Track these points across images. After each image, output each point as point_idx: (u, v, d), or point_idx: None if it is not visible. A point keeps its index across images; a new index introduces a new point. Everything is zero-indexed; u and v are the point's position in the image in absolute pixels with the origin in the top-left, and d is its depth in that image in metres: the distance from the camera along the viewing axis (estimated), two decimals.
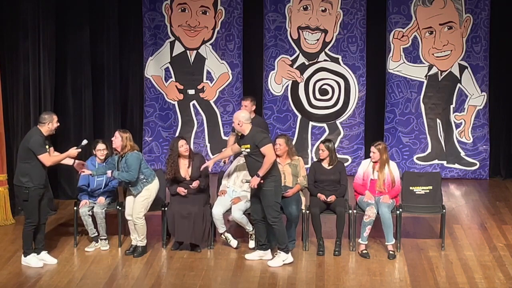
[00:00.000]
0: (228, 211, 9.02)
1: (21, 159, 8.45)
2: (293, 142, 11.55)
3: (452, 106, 12.51)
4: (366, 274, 8.35)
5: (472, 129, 12.51)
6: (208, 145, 12.78)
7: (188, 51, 12.65)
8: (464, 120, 12.51)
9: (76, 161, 8.84)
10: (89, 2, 11.24)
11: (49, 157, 8.43)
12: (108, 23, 11.73)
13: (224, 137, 12.64)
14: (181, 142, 9.07)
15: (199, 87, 12.73)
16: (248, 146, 8.41)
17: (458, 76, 12.43)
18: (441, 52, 12.40)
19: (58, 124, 8.53)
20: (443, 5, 12.29)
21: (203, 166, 9.00)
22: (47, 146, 8.45)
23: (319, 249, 8.94)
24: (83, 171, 8.81)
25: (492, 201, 11.26)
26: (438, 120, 12.55)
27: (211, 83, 12.69)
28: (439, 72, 12.44)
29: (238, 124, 8.47)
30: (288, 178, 9.12)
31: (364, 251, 8.87)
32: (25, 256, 8.54)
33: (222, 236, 9.12)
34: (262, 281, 8.15)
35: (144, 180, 8.69)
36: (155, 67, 12.66)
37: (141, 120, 12.78)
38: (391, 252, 8.84)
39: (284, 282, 8.12)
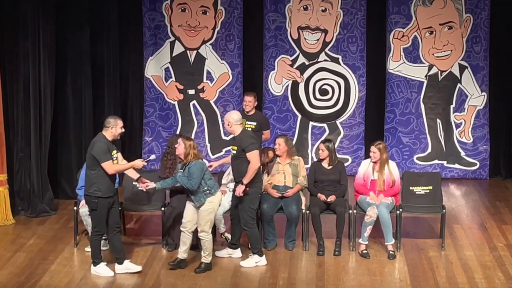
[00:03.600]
0: (228, 211, 9.00)
1: (88, 167, 8.10)
2: (293, 142, 11.53)
3: (452, 106, 12.51)
4: (366, 274, 8.35)
5: (472, 129, 12.50)
6: (208, 145, 12.77)
7: (188, 51, 12.64)
8: (464, 120, 12.51)
9: (141, 179, 8.49)
10: (89, 2, 11.23)
11: (112, 165, 8.05)
12: (108, 23, 11.72)
13: (224, 137, 12.63)
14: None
15: (199, 87, 12.72)
16: (235, 148, 8.41)
17: (458, 76, 12.42)
18: (441, 52, 12.39)
19: (123, 130, 8.22)
20: (443, 5, 12.28)
21: (208, 165, 8.91)
22: (114, 152, 8.10)
23: (319, 249, 8.94)
24: (148, 186, 8.43)
25: (492, 201, 11.26)
26: (438, 120, 12.54)
27: (211, 83, 12.69)
28: (439, 72, 12.43)
29: (228, 125, 8.45)
30: (288, 178, 9.12)
31: (364, 251, 8.87)
32: (94, 265, 8.29)
33: (222, 236, 9.13)
34: (262, 281, 8.15)
35: (208, 192, 8.27)
36: (155, 67, 12.65)
37: (141, 120, 12.77)
38: (391, 252, 8.84)
39: (284, 282, 8.12)
